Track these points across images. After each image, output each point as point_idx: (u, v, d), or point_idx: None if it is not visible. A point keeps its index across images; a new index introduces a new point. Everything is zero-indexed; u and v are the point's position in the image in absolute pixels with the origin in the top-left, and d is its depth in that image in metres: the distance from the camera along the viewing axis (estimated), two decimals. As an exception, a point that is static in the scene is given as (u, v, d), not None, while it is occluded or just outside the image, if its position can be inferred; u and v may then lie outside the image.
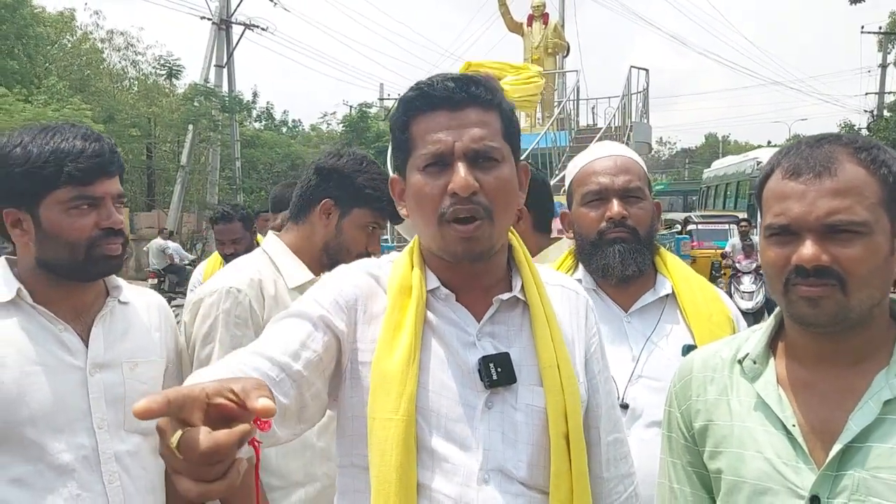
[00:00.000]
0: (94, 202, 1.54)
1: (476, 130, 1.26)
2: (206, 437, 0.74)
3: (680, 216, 17.97)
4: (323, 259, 2.08)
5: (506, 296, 1.32)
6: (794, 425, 1.21)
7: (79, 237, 1.53)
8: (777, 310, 1.30)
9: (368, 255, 2.07)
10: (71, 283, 1.58)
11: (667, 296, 1.87)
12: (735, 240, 12.51)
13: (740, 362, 1.31)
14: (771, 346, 1.30)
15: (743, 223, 12.46)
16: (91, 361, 1.56)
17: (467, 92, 1.28)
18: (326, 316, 1.26)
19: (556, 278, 1.45)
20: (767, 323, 1.32)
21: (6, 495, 1.44)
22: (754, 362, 1.29)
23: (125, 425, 1.59)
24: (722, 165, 21.73)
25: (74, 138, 1.53)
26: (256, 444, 0.84)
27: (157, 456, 1.67)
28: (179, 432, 0.74)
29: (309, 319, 1.24)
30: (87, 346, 1.57)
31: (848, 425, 1.16)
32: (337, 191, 2.08)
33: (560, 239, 2.39)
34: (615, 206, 1.81)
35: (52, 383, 1.50)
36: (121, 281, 1.71)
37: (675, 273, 1.91)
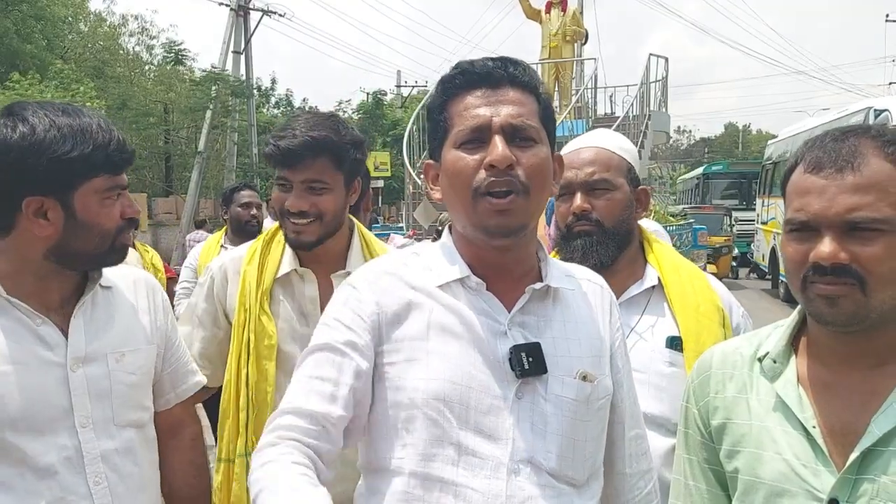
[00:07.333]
0: (121, 192, 1.53)
1: (514, 107, 1.27)
2: None
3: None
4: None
5: (539, 285, 1.32)
6: (813, 427, 1.18)
7: (111, 227, 1.51)
8: (799, 306, 1.26)
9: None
10: (68, 271, 1.52)
11: (653, 287, 1.86)
12: None
13: (760, 360, 1.28)
14: (793, 344, 1.27)
15: None
16: (72, 356, 1.48)
17: (506, 71, 1.29)
18: (351, 337, 1.26)
19: (581, 272, 1.45)
20: (790, 319, 1.29)
21: None
22: (774, 361, 1.26)
23: (115, 420, 1.52)
24: (803, 129, 13.90)
25: (100, 129, 1.49)
26: None
27: (150, 448, 1.63)
28: None
29: (335, 351, 1.26)
30: (67, 340, 1.48)
31: (870, 428, 1.13)
32: None
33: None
34: (577, 200, 1.83)
35: (30, 382, 1.42)
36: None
37: (664, 263, 1.90)
